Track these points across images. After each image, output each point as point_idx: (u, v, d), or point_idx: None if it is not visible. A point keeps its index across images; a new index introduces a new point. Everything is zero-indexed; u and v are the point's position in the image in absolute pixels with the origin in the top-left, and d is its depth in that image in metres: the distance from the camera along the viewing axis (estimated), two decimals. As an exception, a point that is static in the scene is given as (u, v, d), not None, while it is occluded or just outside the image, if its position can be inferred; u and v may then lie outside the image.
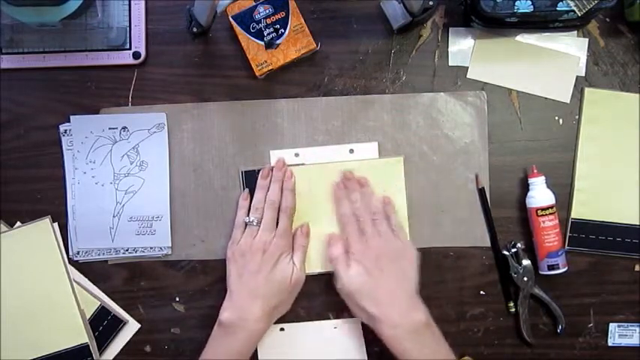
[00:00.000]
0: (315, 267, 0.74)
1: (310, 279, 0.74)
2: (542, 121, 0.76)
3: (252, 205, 0.72)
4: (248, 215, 0.72)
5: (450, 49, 0.76)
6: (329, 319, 0.75)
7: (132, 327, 0.75)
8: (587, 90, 0.75)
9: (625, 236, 0.74)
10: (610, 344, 0.75)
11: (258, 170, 0.74)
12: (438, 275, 0.75)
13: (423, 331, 0.66)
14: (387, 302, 0.66)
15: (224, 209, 0.75)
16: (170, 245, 0.75)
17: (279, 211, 0.72)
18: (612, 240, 0.74)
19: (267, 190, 0.73)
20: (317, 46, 0.74)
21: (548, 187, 0.73)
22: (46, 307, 0.74)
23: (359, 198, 0.72)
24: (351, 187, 0.73)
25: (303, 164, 0.75)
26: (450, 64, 0.76)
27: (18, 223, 0.75)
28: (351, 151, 0.75)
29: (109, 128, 0.75)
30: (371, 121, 0.76)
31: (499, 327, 0.75)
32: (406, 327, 0.65)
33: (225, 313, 0.68)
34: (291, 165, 0.74)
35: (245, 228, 0.71)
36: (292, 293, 0.71)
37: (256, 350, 0.74)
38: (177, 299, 0.75)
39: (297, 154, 0.75)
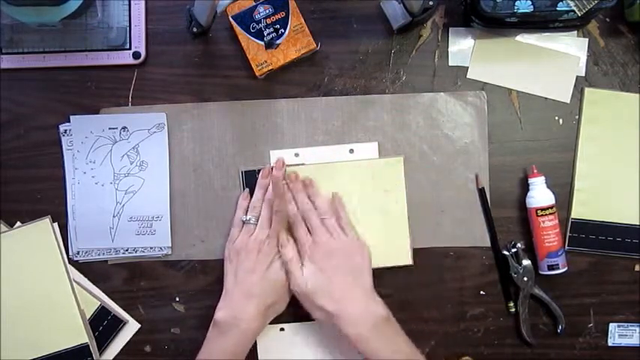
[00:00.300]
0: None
1: (310, 279, 0.74)
2: (542, 121, 0.76)
3: (250, 203, 0.72)
4: (246, 214, 0.72)
5: (450, 49, 0.76)
6: (329, 319, 0.75)
7: (132, 327, 0.75)
8: (587, 90, 0.75)
9: (625, 236, 0.74)
10: (610, 344, 0.75)
11: (258, 170, 0.74)
12: (438, 275, 0.75)
13: (383, 325, 0.66)
14: (344, 298, 0.66)
15: (224, 209, 0.75)
16: (170, 245, 0.75)
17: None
18: (612, 240, 0.74)
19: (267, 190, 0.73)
20: (317, 46, 0.74)
21: (548, 187, 0.73)
22: (46, 307, 0.74)
23: (305, 199, 0.72)
24: (295, 188, 0.73)
25: (303, 164, 0.75)
26: (450, 64, 0.76)
27: (18, 223, 0.75)
28: (351, 151, 0.75)
29: (109, 128, 0.75)
30: (371, 121, 0.76)
31: (499, 327, 0.75)
32: (367, 323, 0.65)
33: (220, 313, 0.68)
34: (291, 165, 0.74)
35: (243, 227, 0.71)
36: (288, 293, 0.71)
37: (256, 350, 0.74)
38: (177, 299, 0.75)
39: (297, 154, 0.75)
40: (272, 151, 0.75)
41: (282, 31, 0.73)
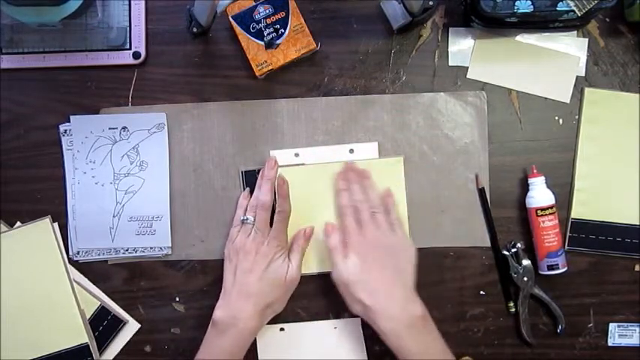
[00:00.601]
0: (314, 267, 0.74)
1: (310, 279, 0.74)
2: (542, 121, 0.76)
3: (249, 203, 0.72)
4: (245, 214, 0.72)
5: (450, 49, 0.76)
6: (329, 319, 0.75)
7: (132, 327, 0.75)
8: (587, 90, 0.75)
9: (625, 236, 0.74)
10: (610, 344, 0.75)
11: (258, 170, 0.74)
12: (438, 275, 0.75)
13: (420, 325, 0.66)
14: (383, 294, 0.66)
15: (224, 209, 0.75)
16: (170, 245, 0.75)
17: (274, 211, 0.72)
18: (612, 240, 0.74)
19: None
20: (317, 46, 0.74)
21: (548, 187, 0.73)
22: (46, 307, 0.74)
23: (359, 190, 0.72)
24: (352, 178, 0.73)
25: (303, 164, 0.75)
26: (450, 64, 0.76)
27: (18, 223, 0.75)
28: (351, 151, 0.75)
29: (109, 128, 0.75)
30: (371, 121, 0.76)
31: (499, 327, 0.75)
32: (403, 320, 0.65)
33: (218, 312, 0.68)
34: (290, 165, 0.74)
35: (242, 226, 0.71)
36: (287, 292, 0.71)
37: (256, 350, 0.74)
38: (177, 299, 0.75)
39: (297, 154, 0.75)
40: (272, 151, 0.75)
41: (282, 31, 0.73)
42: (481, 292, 0.75)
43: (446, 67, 0.76)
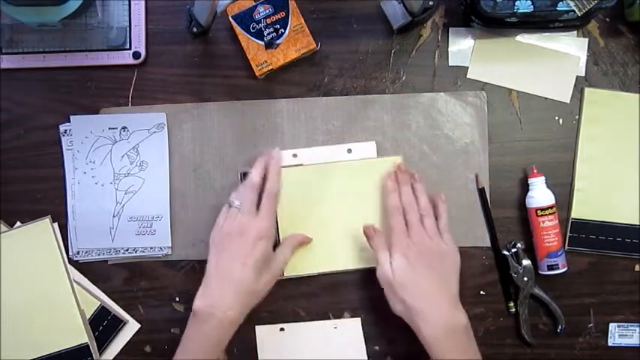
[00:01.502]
0: (315, 268, 0.74)
1: (310, 279, 0.74)
2: (542, 121, 0.76)
3: (237, 188, 0.71)
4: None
5: (450, 49, 0.76)
6: (329, 319, 0.75)
7: (132, 327, 0.75)
8: (587, 90, 0.75)
9: (625, 236, 0.74)
10: (610, 344, 0.75)
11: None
12: (438, 275, 0.75)
13: (460, 333, 0.65)
14: (428, 298, 0.65)
15: (224, 209, 0.75)
16: (170, 245, 0.75)
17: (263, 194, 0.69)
18: (612, 240, 0.74)
19: None
20: (317, 46, 0.74)
21: (548, 187, 0.73)
22: (46, 307, 0.74)
23: (409, 192, 0.71)
24: (402, 179, 0.72)
25: (301, 165, 0.75)
26: (450, 64, 0.76)
27: (18, 223, 0.75)
28: (349, 150, 0.75)
29: (109, 128, 0.75)
30: (371, 121, 0.76)
31: (499, 327, 0.75)
32: (445, 326, 0.64)
33: (197, 302, 0.66)
34: (289, 166, 0.74)
35: (229, 211, 0.69)
36: (270, 281, 0.69)
37: (256, 350, 0.74)
38: (177, 299, 0.75)
39: (295, 155, 0.75)
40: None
41: (282, 31, 0.73)
42: (481, 292, 0.75)
43: (446, 67, 0.76)
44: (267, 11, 0.73)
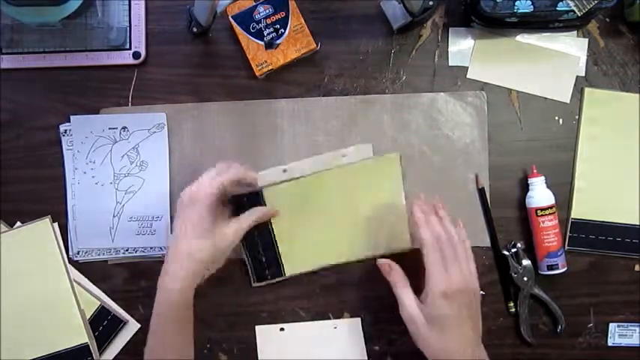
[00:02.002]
0: (311, 264, 0.74)
1: (310, 279, 0.74)
2: (542, 121, 0.76)
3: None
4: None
5: (450, 49, 0.76)
6: (329, 319, 0.75)
7: (132, 327, 0.75)
8: (587, 90, 0.75)
9: (625, 236, 0.74)
10: (610, 344, 0.75)
11: (257, 171, 0.74)
12: (438, 275, 0.75)
13: None
14: (465, 341, 0.63)
15: (224, 209, 0.75)
16: (170, 245, 0.75)
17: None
18: (612, 240, 0.74)
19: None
20: (317, 46, 0.74)
21: (548, 187, 0.73)
22: (46, 307, 0.74)
23: (437, 222, 0.67)
24: (427, 210, 0.68)
25: (292, 179, 0.74)
26: (450, 64, 0.76)
27: (18, 223, 0.75)
28: (344, 155, 0.74)
29: (109, 128, 0.75)
30: (371, 121, 0.75)
31: (499, 327, 0.75)
32: None
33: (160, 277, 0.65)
34: (281, 182, 0.73)
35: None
36: (224, 251, 0.67)
37: (256, 350, 0.74)
38: (177, 299, 0.75)
39: (285, 170, 0.74)
40: (260, 172, 0.73)
41: (282, 31, 0.73)
42: (481, 292, 0.75)
43: (446, 67, 0.76)
44: (267, 11, 0.73)
